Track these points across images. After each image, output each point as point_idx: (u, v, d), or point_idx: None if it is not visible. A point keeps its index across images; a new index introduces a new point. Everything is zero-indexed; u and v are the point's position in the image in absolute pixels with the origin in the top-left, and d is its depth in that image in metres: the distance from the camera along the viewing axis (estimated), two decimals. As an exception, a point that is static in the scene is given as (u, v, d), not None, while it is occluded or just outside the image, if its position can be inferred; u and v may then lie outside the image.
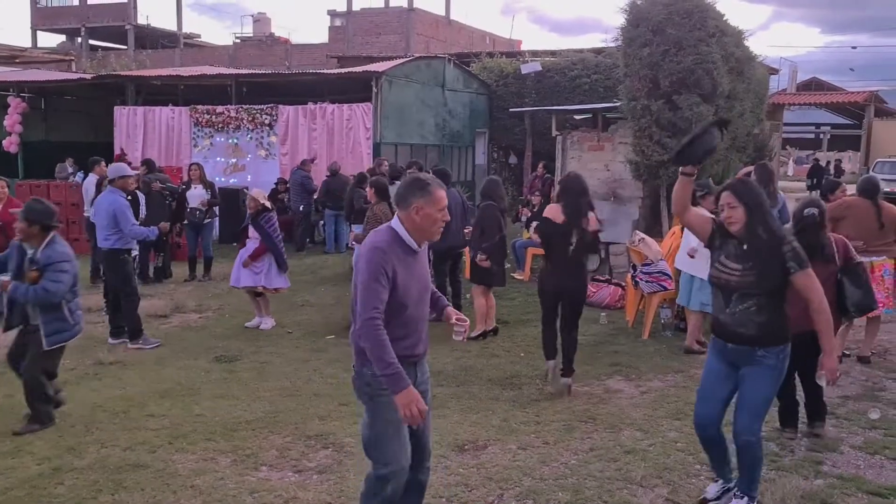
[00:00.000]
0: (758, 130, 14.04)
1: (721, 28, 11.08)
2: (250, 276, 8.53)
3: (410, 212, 3.48)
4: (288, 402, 6.14)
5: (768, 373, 3.97)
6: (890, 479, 4.67)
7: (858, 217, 6.99)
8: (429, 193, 3.49)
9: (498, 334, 8.22)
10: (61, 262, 5.52)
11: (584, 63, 19.23)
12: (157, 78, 18.65)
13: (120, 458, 5.02)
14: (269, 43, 42.13)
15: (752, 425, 4.01)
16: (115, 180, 8.09)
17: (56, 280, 5.47)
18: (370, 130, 15.45)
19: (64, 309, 5.61)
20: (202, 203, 11.51)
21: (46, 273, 5.46)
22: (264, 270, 8.52)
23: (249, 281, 8.55)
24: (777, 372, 3.99)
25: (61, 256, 5.54)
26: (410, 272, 3.50)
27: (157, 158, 15.59)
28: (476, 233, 8.15)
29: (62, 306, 5.58)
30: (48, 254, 5.53)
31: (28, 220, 5.54)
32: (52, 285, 5.46)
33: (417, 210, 3.47)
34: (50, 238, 5.60)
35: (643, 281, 8.10)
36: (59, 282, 5.47)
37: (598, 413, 5.80)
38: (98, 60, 36.17)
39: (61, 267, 5.51)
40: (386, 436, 3.50)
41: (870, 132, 29.69)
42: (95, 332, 8.43)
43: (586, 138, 13.05)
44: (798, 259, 3.87)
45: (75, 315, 5.73)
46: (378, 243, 3.45)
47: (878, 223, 7.03)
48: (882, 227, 7.03)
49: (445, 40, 38.92)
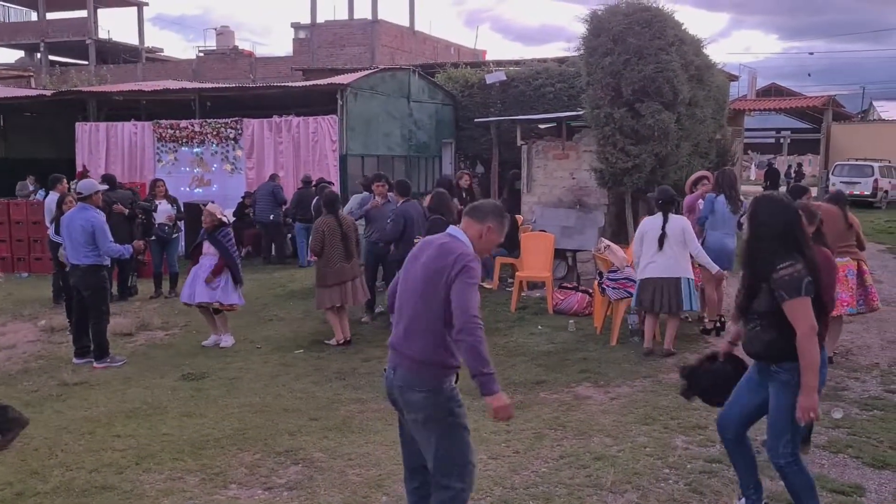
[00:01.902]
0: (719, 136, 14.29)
1: (680, 37, 11.28)
2: (206, 291, 8.40)
3: (483, 227, 3.64)
4: (257, 418, 6.09)
5: (782, 389, 3.84)
6: (853, 477, 4.76)
7: (830, 220, 7.20)
8: (502, 224, 3.71)
9: None
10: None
11: (548, 72, 19.41)
12: (119, 93, 18.43)
13: (86, 480, 4.93)
14: (232, 56, 41.84)
15: (776, 446, 3.89)
16: (88, 196, 7.98)
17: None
18: (336, 143, 15.42)
19: None
20: (169, 218, 11.46)
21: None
22: (221, 286, 8.41)
23: (206, 297, 8.42)
24: (791, 388, 3.79)
25: None
26: None
27: (120, 174, 15.44)
28: None
29: None
30: None
31: None
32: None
33: (489, 229, 3.65)
34: None
35: (610, 288, 8.18)
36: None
37: (568, 420, 5.84)
38: (58, 76, 35.69)
39: None
40: (466, 453, 3.59)
41: (828, 136, 30.31)
42: (60, 353, 8.31)
43: (551, 147, 13.15)
44: (787, 287, 3.71)
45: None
46: (470, 251, 3.58)
47: (846, 223, 7.29)
48: (849, 228, 7.30)
49: (410, 51, 38.99)
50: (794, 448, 3.87)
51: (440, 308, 3.47)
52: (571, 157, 12.79)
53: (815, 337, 3.71)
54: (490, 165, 17.04)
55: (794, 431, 3.86)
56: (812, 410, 3.73)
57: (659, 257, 7.43)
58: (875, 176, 25.04)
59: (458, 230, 3.67)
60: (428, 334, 3.51)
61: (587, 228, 11.30)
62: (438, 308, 3.48)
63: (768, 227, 3.84)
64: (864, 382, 6.70)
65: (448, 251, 3.53)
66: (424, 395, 3.52)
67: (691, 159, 12.04)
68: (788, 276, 3.71)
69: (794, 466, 3.89)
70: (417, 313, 3.55)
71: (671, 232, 7.45)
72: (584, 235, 11.11)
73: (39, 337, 9.19)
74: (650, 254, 7.48)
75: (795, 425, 3.82)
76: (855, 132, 31.59)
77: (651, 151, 10.80)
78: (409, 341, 3.56)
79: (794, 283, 3.70)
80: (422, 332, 3.52)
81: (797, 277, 3.70)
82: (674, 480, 4.72)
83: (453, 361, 3.56)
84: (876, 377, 6.84)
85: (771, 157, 45.50)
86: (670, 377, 6.90)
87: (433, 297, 3.49)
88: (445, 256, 3.51)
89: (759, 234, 3.88)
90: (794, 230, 3.83)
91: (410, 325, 3.56)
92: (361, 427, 5.81)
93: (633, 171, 10.89)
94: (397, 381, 3.59)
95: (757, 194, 4.19)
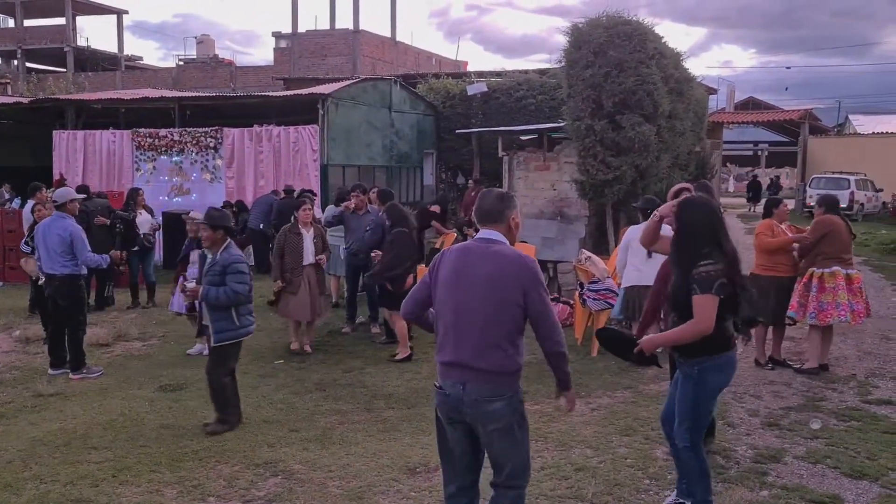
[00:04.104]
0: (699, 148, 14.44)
1: (660, 50, 11.39)
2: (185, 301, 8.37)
3: (510, 222, 3.63)
4: (236, 429, 6.03)
5: (686, 380, 4.20)
6: (832, 487, 4.79)
7: (837, 232, 7.31)
8: (516, 204, 3.71)
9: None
10: (240, 262, 5.95)
11: (530, 84, 19.51)
12: (98, 101, 18.28)
13: (61, 493, 4.85)
14: (213, 65, 41.69)
15: (678, 430, 4.24)
16: (64, 205, 7.87)
17: (241, 281, 5.88)
18: (317, 152, 15.38)
19: (232, 310, 5.91)
20: (152, 228, 11.40)
21: (228, 275, 5.85)
22: None
23: (185, 307, 8.40)
24: (692, 381, 4.14)
25: (238, 258, 5.96)
26: None
27: (97, 183, 15.31)
28: (387, 259, 8.17)
29: (230, 307, 5.91)
30: (226, 256, 5.93)
31: (213, 227, 5.92)
32: (239, 286, 5.87)
33: (514, 219, 3.65)
34: (227, 242, 5.99)
35: (590, 298, 8.20)
36: (243, 283, 5.90)
37: (549, 431, 5.83)
38: (35, 83, 35.35)
39: (240, 268, 5.93)
40: (530, 451, 3.68)
41: (805, 149, 30.70)
42: (35, 363, 8.18)
43: (532, 158, 13.20)
44: (701, 283, 3.95)
45: (242, 318, 6.02)
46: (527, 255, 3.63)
47: (851, 235, 7.46)
48: (854, 239, 7.52)
49: (392, 62, 39.06)
50: (692, 435, 4.20)
51: (515, 316, 3.51)
52: (553, 169, 12.85)
53: (702, 332, 3.95)
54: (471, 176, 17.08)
55: (694, 419, 4.20)
56: (647, 346, 4.18)
57: (646, 265, 7.47)
58: (851, 189, 25.39)
59: (493, 232, 3.60)
60: (505, 344, 3.50)
61: (568, 239, 11.35)
62: (512, 317, 3.50)
63: (694, 228, 4.11)
64: (842, 393, 6.76)
65: (510, 259, 3.53)
66: (506, 402, 3.51)
67: (671, 171, 12.15)
68: (706, 272, 3.96)
69: (690, 452, 4.21)
70: (490, 325, 3.49)
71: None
72: (564, 246, 11.16)
73: (14, 347, 9.05)
74: (637, 262, 7.52)
75: (696, 415, 4.20)
76: (831, 145, 32.04)
77: (631, 163, 10.88)
78: (483, 355, 3.49)
79: (708, 280, 3.95)
80: (497, 344, 3.49)
81: (713, 276, 3.96)
82: (654, 491, 4.73)
83: (522, 362, 3.63)
84: (853, 388, 6.90)
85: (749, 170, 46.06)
86: (651, 388, 6.93)
87: (506, 306, 3.49)
88: (511, 265, 3.51)
89: (687, 234, 4.12)
90: (717, 232, 4.11)
91: (483, 339, 3.49)
92: (342, 439, 5.77)
93: (614, 183, 10.96)
94: (470, 395, 3.50)
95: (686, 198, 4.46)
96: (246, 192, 15.54)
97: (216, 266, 5.89)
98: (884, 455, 5.26)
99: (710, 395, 4.22)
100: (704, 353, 4.08)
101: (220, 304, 5.84)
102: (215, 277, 5.87)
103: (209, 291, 5.84)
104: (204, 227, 5.98)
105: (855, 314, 7.25)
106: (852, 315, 7.23)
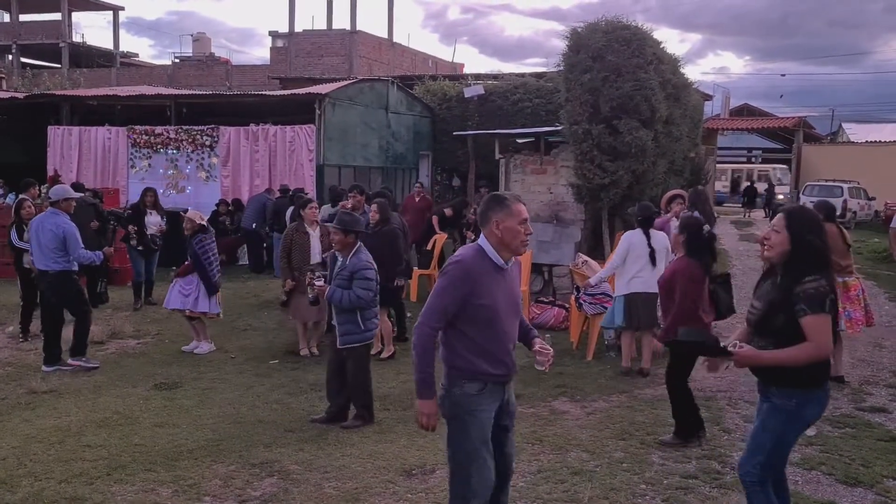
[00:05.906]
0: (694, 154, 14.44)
1: (658, 55, 11.40)
2: (179, 298, 8.42)
3: (491, 227, 3.59)
4: (231, 429, 6.01)
5: (773, 411, 3.67)
6: (826, 494, 4.81)
7: (830, 239, 7.29)
8: (507, 207, 3.58)
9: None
10: (367, 269, 6.03)
11: (526, 87, 19.53)
12: (93, 98, 18.22)
13: (55, 491, 4.83)
14: (209, 63, 41.61)
15: (747, 462, 3.76)
16: (59, 202, 7.85)
17: (366, 287, 5.98)
18: (313, 152, 15.36)
19: (357, 314, 5.98)
20: (159, 230, 11.31)
21: (356, 280, 5.95)
22: (192, 294, 8.38)
23: (178, 304, 8.42)
24: (783, 414, 3.63)
25: (366, 265, 6.05)
26: (498, 289, 3.60)
27: (92, 179, 15.28)
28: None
29: (356, 311, 5.98)
30: (355, 262, 6.03)
31: (345, 231, 6.03)
32: (363, 292, 5.96)
33: (497, 224, 3.57)
34: (357, 246, 6.08)
35: (586, 303, 8.21)
36: (368, 289, 5.99)
37: (545, 435, 5.84)
38: (30, 79, 35.20)
39: (367, 275, 6.02)
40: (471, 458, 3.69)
41: (799, 156, 30.82)
42: (28, 360, 8.15)
43: (529, 161, 13.19)
44: (810, 302, 3.47)
45: (367, 322, 6.09)
46: (461, 258, 3.59)
47: (845, 244, 7.38)
48: (849, 248, 7.44)
49: (388, 63, 39.04)
50: (762, 471, 3.70)
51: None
52: (549, 172, 12.84)
53: (821, 358, 3.53)
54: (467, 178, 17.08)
55: (772, 455, 3.69)
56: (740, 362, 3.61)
57: (646, 272, 7.49)
58: (844, 196, 25.49)
59: (483, 239, 3.66)
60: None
61: (564, 243, 11.36)
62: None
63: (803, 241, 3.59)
64: (836, 400, 6.76)
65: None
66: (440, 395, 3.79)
67: (667, 176, 12.15)
68: (814, 289, 3.48)
69: (758, 487, 3.73)
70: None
71: (657, 247, 7.56)
72: (560, 250, 11.16)
73: (7, 343, 9.01)
74: (636, 269, 7.53)
75: (777, 450, 3.70)
76: (825, 153, 32.16)
77: (628, 168, 10.88)
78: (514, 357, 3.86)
79: (818, 298, 3.47)
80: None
81: (822, 293, 3.48)
82: (650, 496, 4.74)
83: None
84: (847, 395, 6.92)
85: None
86: (646, 393, 6.95)
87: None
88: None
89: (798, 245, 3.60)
90: (823, 247, 3.63)
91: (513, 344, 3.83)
92: (338, 439, 5.76)
93: (610, 188, 10.97)
94: (511, 394, 3.93)
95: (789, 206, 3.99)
96: (241, 191, 15.52)
97: (345, 270, 6.01)
98: (878, 462, 5.28)
99: (800, 430, 3.77)
100: (811, 384, 3.60)
101: (342, 306, 5.96)
102: (343, 281, 5.98)
103: (335, 293, 5.97)
104: (335, 231, 6.10)
105: (852, 322, 7.26)
106: (848, 323, 7.25)
